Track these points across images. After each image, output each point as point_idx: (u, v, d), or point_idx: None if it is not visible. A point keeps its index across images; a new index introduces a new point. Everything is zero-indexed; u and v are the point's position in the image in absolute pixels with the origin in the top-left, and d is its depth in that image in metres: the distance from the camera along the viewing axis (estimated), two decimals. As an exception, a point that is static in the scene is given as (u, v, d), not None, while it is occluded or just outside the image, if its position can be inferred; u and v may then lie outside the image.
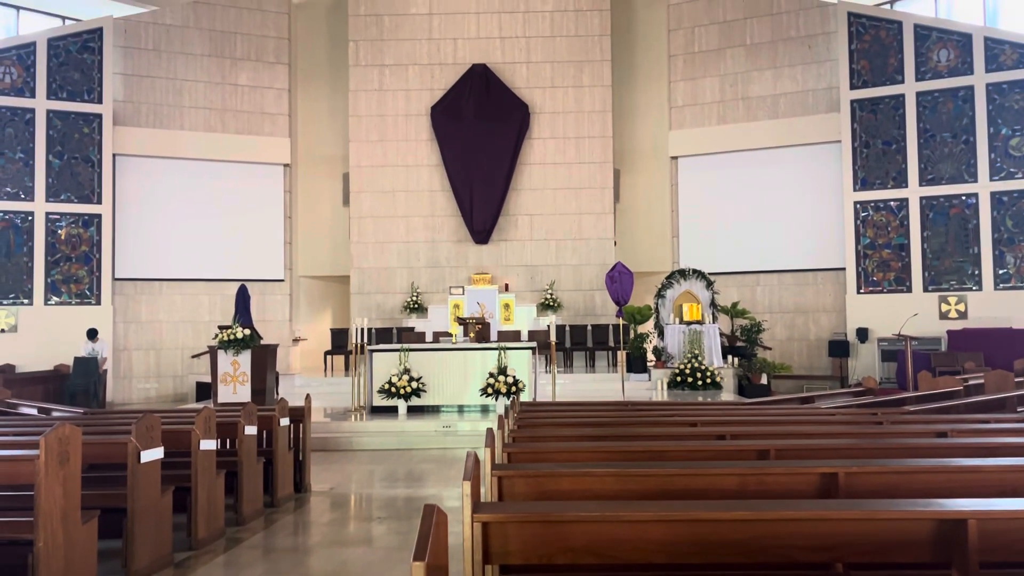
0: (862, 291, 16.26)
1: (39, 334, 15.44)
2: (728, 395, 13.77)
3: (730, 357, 15.19)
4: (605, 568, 2.87)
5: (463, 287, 16.94)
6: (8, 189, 15.65)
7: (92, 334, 15.13)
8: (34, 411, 8.54)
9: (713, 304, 15.56)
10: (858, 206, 16.37)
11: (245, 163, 17.63)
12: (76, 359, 14.71)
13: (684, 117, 18.13)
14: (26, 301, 15.63)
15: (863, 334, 15.93)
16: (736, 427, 5.65)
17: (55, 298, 15.86)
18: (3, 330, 15.37)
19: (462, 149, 17.71)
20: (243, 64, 17.80)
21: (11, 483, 4.76)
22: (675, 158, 18.23)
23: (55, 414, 8.01)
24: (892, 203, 16.13)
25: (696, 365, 13.99)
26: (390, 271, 17.96)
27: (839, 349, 16.05)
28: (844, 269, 16.49)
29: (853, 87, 16.44)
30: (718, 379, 13.96)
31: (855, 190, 16.39)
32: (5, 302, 15.50)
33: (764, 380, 14.67)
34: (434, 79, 18.11)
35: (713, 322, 15.26)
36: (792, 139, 17.11)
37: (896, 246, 16.08)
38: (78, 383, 14.49)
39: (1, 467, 4.58)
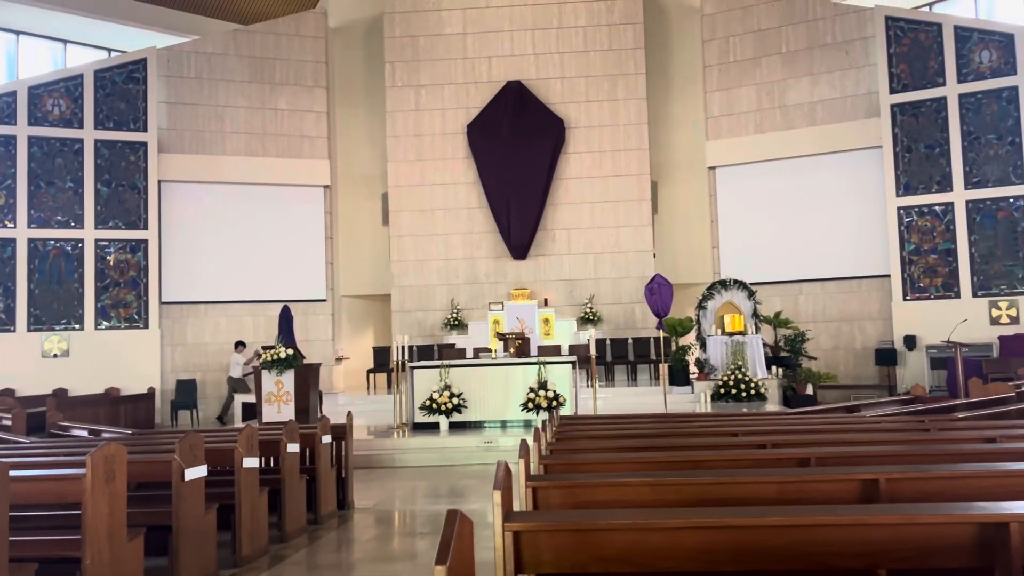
0: (908, 298, 15.92)
1: (90, 358, 15.85)
2: (773, 406, 13.55)
3: (774, 368, 14.95)
4: (641, 577, 2.83)
5: (502, 303, 16.95)
6: (59, 218, 16.12)
7: (239, 346, 16.09)
8: (84, 433, 8.74)
9: (756, 314, 15.35)
10: (902, 212, 16.07)
11: (286, 186, 17.94)
12: (233, 379, 15.75)
13: (721, 127, 18.01)
14: (77, 326, 16.05)
15: (911, 342, 15.57)
16: (778, 436, 5.56)
17: (105, 323, 16.27)
18: (56, 355, 15.80)
19: (498, 166, 17.79)
20: (282, 89, 18.15)
21: (60, 501, 4.88)
22: (713, 168, 18.10)
23: (104, 435, 8.19)
24: (937, 207, 15.80)
25: (740, 376, 13.80)
26: (430, 288, 18.08)
27: (886, 357, 15.71)
28: (889, 276, 16.18)
29: (893, 91, 16.18)
30: (762, 390, 13.74)
31: (898, 195, 16.09)
32: (57, 327, 15.94)
33: (810, 390, 14.42)
34: (469, 97, 18.26)
35: (756, 333, 15.05)
36: (832, 146, 16.88)
37: (943, 251, 15.73)
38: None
39: (50, 485, 4.69)
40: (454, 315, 17.61)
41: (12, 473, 4.12)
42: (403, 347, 12.73)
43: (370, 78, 19.05)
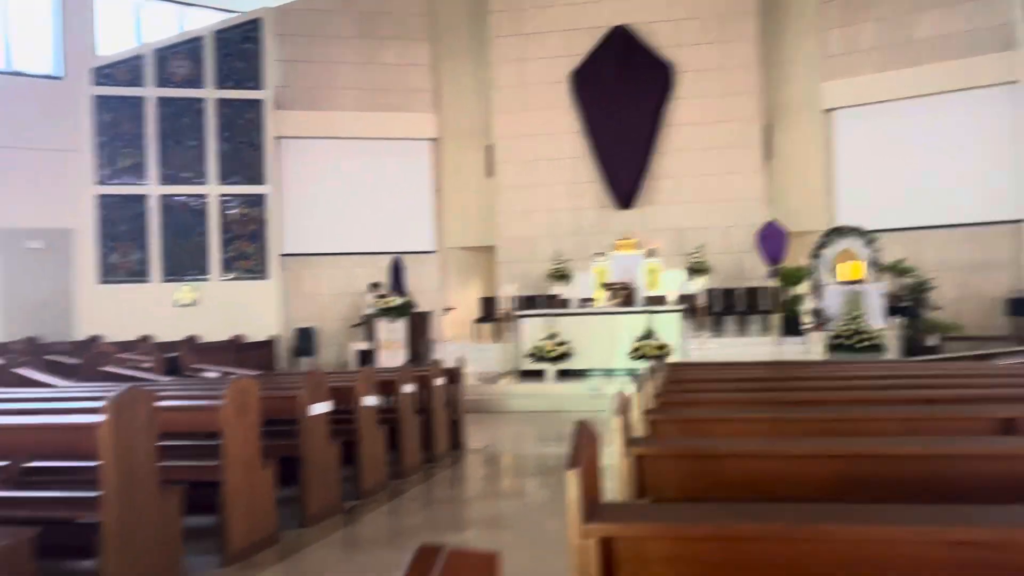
0: (1046, 244, 14.87)
1: (217, 308, 16.80)
2: (893, 357, 13.03)
3: (894, 318, 14.33)
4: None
5: (607, 253, 16.80)
6: (185, 175, 17.01)
7: (374, 287, 15.88)
8: (215, 374, 9.29)
9: (875, 262, 14.70)
10: (1040, 151, 14.93)
11: (394, 139, 18.26)
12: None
13: (838, 66, 17.09)
14: (204, 277, 17.01)
15: (1048, 291, 14.59)
16: (901, 379, 5.36)
17: (230, 274, 17.16)
18: (186, 304, 16.80)
19: (604, 114, 17.52)
20: (389, 43, 18.38)
21: (198, 430, 5.24)
22: (829, 110, 17.26)
23: (233, 376, 8.68)
24: (1081, 146, 14.61)
25: (857, 327, 13.30)
26: (534, 240, 18.10)
27: (1020, 308, 14.79)
28: (1022, 221, 15.12)
29: (1033, 20, 14.94)
30: (881, 341, 13.22)
31: (1036, 134, 14.95)
32: (187, 278, 16.93)
33: (933, 342, 13.76)
34: (574, 44, 17.96)
35: (875, 281, 14.44)
36: (961, 83, 15.74)
37: (1086, 193, 14.57)
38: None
39: (191, 416, 5.04)
40: (559, 266, 17.58)
41: (157, 404, 4.44)
42: (509, 297, 12.88)
43: (474, 29, 18.99)
